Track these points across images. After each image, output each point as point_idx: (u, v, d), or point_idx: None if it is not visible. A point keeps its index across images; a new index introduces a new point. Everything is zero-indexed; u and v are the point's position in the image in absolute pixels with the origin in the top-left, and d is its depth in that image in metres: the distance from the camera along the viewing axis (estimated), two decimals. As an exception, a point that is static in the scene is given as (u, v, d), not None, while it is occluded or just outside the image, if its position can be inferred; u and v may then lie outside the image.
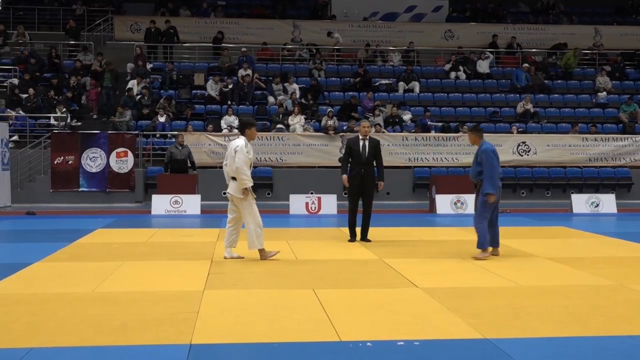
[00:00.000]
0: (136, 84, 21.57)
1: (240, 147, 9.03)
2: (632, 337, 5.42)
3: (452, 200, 17.37)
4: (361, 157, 10.87)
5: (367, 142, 10.93)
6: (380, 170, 11.11)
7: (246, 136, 9.18)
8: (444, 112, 22.54)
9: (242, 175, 8.96)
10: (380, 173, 11.11)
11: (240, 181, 8.99)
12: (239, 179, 9.00)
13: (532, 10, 29.48)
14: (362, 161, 10.88)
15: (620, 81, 24.83)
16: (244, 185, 8.99)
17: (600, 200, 17.81)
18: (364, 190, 10.96)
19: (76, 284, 7.51)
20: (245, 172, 8.95)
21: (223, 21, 26.07)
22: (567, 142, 20.63)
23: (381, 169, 11.13)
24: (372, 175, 11.03)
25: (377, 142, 11.19)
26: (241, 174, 8.95)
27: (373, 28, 26.88)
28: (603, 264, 8.97)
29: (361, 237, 11.08)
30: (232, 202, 9.31)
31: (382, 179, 11.09)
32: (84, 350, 5.05)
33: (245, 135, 9.19)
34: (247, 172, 8.99)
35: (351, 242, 10.95)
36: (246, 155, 8.99)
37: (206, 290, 7.15)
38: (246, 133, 9.21)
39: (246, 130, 9.23)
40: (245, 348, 5.13)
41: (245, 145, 9.05)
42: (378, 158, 11.04)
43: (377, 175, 11.10)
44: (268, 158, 19.44)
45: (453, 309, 6.29)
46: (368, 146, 10.90)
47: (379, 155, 11.05)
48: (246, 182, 8.97)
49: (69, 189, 18.59)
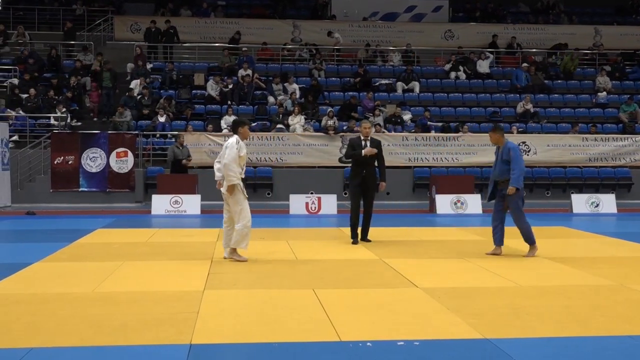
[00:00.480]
0: (138, 84, 21.58)
1: (230, 144, 9.01)
2: (632, 337, 5.42)
3: (452, 200, 17.37)
4: (363, 158, 10.81)
5: (368, 143, 10.87)
6: (382, 170, 11.06)
7: (239, 134, 9.15)
8: (444, 112, 22.54)
9: (229, 172, 8.91)
10: (382, 173, 11.05)
11: (227, 177, 8.96)
12: (226, 176, 8.97)
13: (532, 10, 29.49)
14: (364, 161, 10.83)
15: (620, 81, 24.83)
16: (231, 182, 8.94)
17: (600, 200, 17.82)
18: (366, 190, 10.90)
19: (76, 284, 7.51)
20: (233, 169, 8.90)
21: (223, 21, 26.09)
22: (567, 142, 20.63)
23: (383, 169, 11.07)
24: (374, 175, 10.97)
25: (379, 142, 11.11)
26: (229, 170, 8.91)
27: (373, 28, 26.90)
28: (603, 264, 8.97)
29: (361, 237, 11.02)
30: (226, 201, 9.31)
31: (384, 180, 11.03)
32: (84, 350, 5.05)
33: (238, 133, 9.16)
34: (236, 169, 8.93)
35: (354, 245, 10.76)
36: (236, 153, 8.94)
37: (206, 290, 7.15)
38: (239, 131, 9.18)
39: (239, 129, 9.20)
40: (245, 348, 5.13)
41: (236, 142, 9.01)
42: (380, 158, 10.99)
43: (379, 176, 11.05)
44: (268, 158, 19.44)
45: (453, 309, 6.29)
46: (370, 146, 10.83)
47: (380, 156, 11.00)
48: (233, 179, 8.92)
49: (69, 189, 18.60)
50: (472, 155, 20.17)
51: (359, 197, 10.93)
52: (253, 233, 12.30)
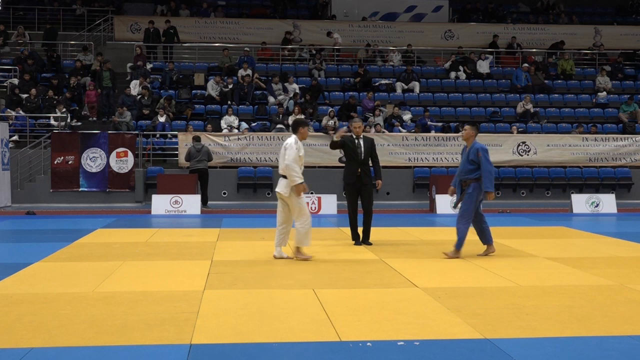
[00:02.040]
0: (138, 84, 21.59)
1: (290, 144, 9.04)
2: (632, 337, 5.43)
3: (452, 200, 17.34)
4: (357, 157, 10.64)
5: (361, 141, 10.68)
6: (377, 168, 10.92)
7: (298, 134, 9.20)
8: (444, 112, 22.55)
9: (292, 172, 8.94)
10: (377, 172, 10.91)
11: (290, 178, 8.98)
12: (289, 176, 8.99)
13: (532, 10, 29.50)
14: (358, 160, 10.65)
15: (621, 81, 24.84)
16: (294, 182, 8.96)
17: (600, 200, 17.82)
18: (361, 190, 10.73)
19: (77, 284, 7.52)
20: (295, 169, 8.93)
21: (223, 21, 26.11)
22: (567, 142, 20.63)
23: (378, 167, 10.92)
24: (369, 174, 10.78)
25: (372, 140, 10.95)
26: (291, 170, 8.94)
27: (373, 28, 26.91)
28: (603, 264, 8.97)
29: (362, 239, 10.83)
30: (282, 200, 9.27)
31: (379, 178, 10.90)
32: (84, 350, 5.05)
33: (298, 133, 9.21)
34: (297, 169, 8.97)
35: (356, 245, 10.66)
36: (296, 153, 8.98)
37: (206, 290, 7.16)
38: (299, 131, 9.24)
39: (299, 129, 9.26)
40: (245, 348, 5.13)
41: (295, 142, 9.05)
42: (374, 157, 10.81)
43: (375, 174, 10.92)
44: (268, 158, 19.44)
45: (453, 309, 6.30)
46: (363, 145, 10.66)
47: (374, 154, 10.81)
48: (296, 179, 8.94)
49: (69, 189, 18.61)
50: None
51: (355, 196, 10.81)
52: (253, 234, 12.37)
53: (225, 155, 19.35)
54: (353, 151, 10.68)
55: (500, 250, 10.03)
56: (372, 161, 10.82)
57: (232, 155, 19.37)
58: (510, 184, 20.05)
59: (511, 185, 20.03)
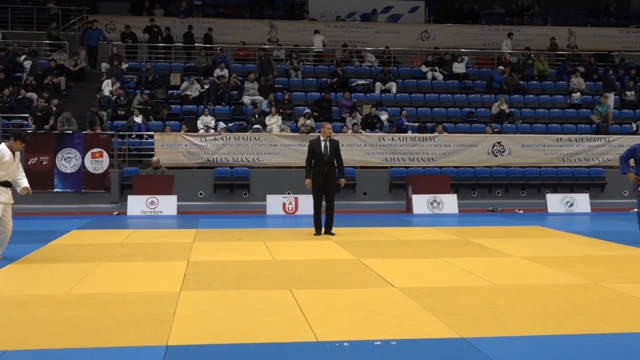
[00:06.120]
0: (110, 84, 21.41)
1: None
2: (606, 335, 5.49)
3: (429, 200, 17.47)
4: (323, 157, 11.85)
5: (328, 143, 11.90)
6: (341, 168, 12.11)
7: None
8: (420, 112, 22.63)
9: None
10: (341, 171, 12.11)
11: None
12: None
13: (507, 12, 29.72)
14: (324, 161, 11.86)
15: (594, 82, 25.10)
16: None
17: (574, 200, 18.03)
18: (326, 188, 11.96)
19: (51, 286, 7.44)
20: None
21: (199, 21, 25.95)
22: (542, 143, 20.81)
23: (341, 167, 12.13)
24: (334, 174, 12.03)
25: (337, 142, 12.17)
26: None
27: (350, 28, 26.95)
28: (578, 263, 9.06)
29: (325, 231, 12.00)
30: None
31: (342, 176, 12.15)
32: (59, 352, 5.00)
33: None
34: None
35: (317, 236, 11.86)
36: None
37: (182, 292, 7.12)
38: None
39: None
40: (222, 349, 5.11)
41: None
42: (338, 157, 12.03)
43: (338, 174, 12.08)
44: (245, 158, 19.38)
45: (430, 308, 6.32)
46: (329, 147, 11.87)
47: (339, 155, 12.03)
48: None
49: (43, 190, 18.36)
50: (449, 155, 20.28)
51: (322, 194, 12.01)
52: (229, 234, 12.34)
53: (202, 155, 19.26)
54: (319, 153, 11.87)
55: (476, 249, 10.09)
56: (336, 161, 12.03)
57: (209, 155, 19.27)
58: (486, 184, 20.18)
59: (487, 185, 20.16)
